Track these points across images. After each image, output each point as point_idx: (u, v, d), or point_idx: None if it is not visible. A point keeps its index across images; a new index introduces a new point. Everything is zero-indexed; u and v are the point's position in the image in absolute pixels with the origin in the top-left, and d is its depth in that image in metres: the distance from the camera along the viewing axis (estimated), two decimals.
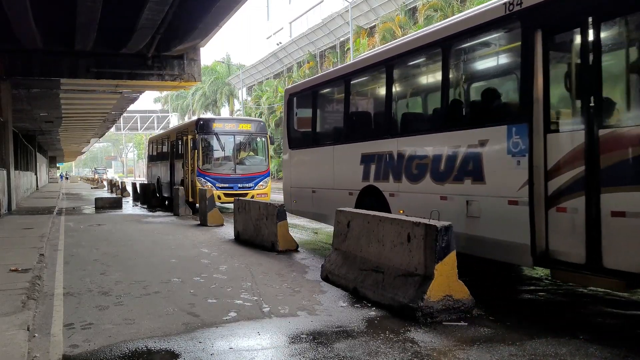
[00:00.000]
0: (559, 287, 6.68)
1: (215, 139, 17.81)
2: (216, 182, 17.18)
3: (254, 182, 17.85)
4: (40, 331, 4.99)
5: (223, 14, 13.68)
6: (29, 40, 14.58)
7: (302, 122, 11.46)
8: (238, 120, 21.34)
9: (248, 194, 17.28)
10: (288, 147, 11.38)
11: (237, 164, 18.02)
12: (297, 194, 10.93)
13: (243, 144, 18.66)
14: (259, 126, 18.85)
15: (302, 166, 11.02)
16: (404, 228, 5.56)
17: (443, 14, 32.00)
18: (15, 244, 9.87)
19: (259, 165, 18.52)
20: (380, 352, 4.29)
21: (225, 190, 17.19)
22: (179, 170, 19.69)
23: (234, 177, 17.62)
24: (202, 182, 17.02)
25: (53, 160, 76.44)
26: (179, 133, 20.46)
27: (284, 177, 11.77)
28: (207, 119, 19.36)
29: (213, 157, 18.05)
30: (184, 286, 6.75)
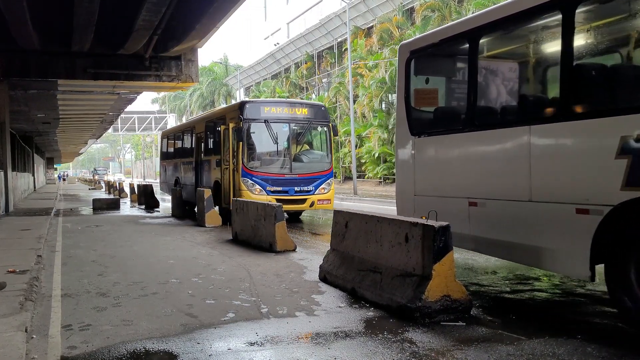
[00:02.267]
0: (556, 287, 6.69)
1: (265, 127, 13.75)
2: (267, 184, 13.42)
3: (314, 185, 13.91)
4: (38, 332, 4.98)
5: (220, 14, 13.67)
6: (26, 40, 14.56)
7: (435, 95, 7.82)
8: (293, 103, 16.56)
9: (307, 199, 13.75)
10: (409, 133, 7.48)
11: (292, 160, 14.08)
12: (429, 207, 6.89)
13: (300, 134, 14.60)
14: (319, 111, 14.81)
15: (443, 163, 7.13)
16: (402, 228, 5.56)
17: (441, 14, 32.04)
18: (13, 245, 9.85)
19: (319, 162, 14.57)
20: (378, 353, 4.29)
21: (278, 195, 13.33)
22: (209, 170, 16.06)
23: (289, 179, 13.75)
24: (249, 184, 13.38)
25: (50, 161, 76.34)
26: (210, 122, 16.58)
27: (400, 179, 7.96)
28: (256, 101, 15.69)
29: (263, 152, 14.27)
30: (182, 287, 6.74)
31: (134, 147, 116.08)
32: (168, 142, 22.73)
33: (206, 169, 16.37)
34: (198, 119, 18.93)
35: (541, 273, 7.42)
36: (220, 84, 65.20)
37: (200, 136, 17.33)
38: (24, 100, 21.37)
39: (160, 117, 69.98)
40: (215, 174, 15.26)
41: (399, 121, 7.86)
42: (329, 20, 43.98)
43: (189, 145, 18.94)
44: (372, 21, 39.39)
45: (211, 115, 17.16)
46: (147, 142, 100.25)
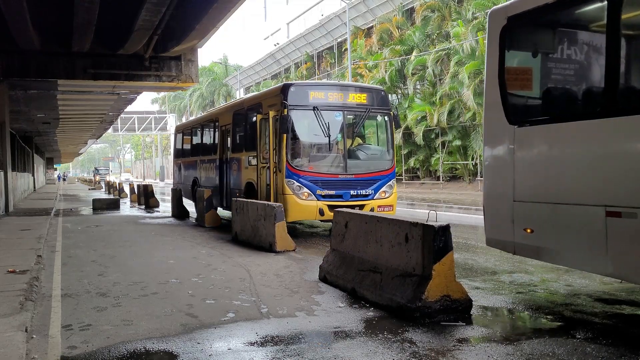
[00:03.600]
0: (555, 286, 6.70)
1: (314, 115, 11.08)
2: (317, 186, 10.92)
3: (373, 188, 11.32)
4: (38, 332, 4.99)
5: (220, 14, 13.67)
6: (26, 41, 14.56)
7: (547, 72, 6.03)
8: (348, 86, 13.89)
9: (365, 205, 11.07)
10: (507, 122, 5.89)
11: (347, 157, 11.37)
12: (536, 216, 5.56)
13: (356, 124, 11.90)
14: (379, 97, 12.02)
15: (564, 158, 5.42)
16: (402, 228, 5.57)
17: (440, 14, 32.06)
18: (13, 245, 9.85)
19: (379, 159, 11.96)
20: (378, 353, 4.29)
21: (331, 200, 10.88)
22: (239, 169, 13.39)
23: (343, 180, 11.17)
24: (295, 187, 10.82)
25: (50, 161, 76.34)
26: (240, 111, 13.76)
27: (490, 181, 6.35)
28: (302, 84, 12.74)
29: (311, 147, 11.75)
30: (182, 287, 6.75)
31: (133, 147, 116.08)
32: (184, 138, 19.87)
33: (234, 168, 13.69)
34: (223, 109, 16.09)
35: (539, 272, 7.43)
36: (220, 84, 65.22)
37: (226, 129, 14.62)
38: (23, 100, 21.37)
39: (160, 117, 69.99)
40: (248, 174, 12.67)
41: (489, 107, 6.24)
42: (329, 20, 44.02)
43: (210, 140, 16.44)
44: (372, 21, 39.41)
45: (241, 104, 14.05)
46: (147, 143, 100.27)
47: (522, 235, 5.69)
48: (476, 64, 26.74)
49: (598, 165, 5.04)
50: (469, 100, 26.95)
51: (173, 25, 14.64)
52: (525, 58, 6.28)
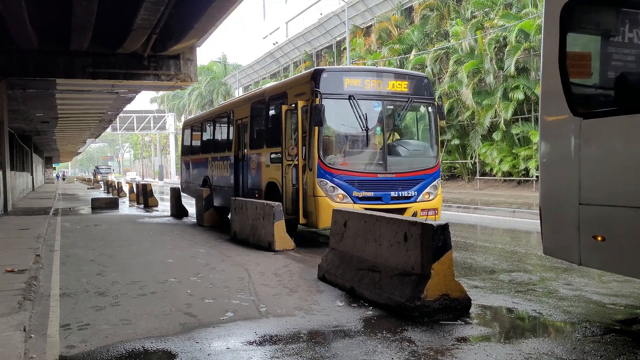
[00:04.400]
0: (553, 286, 6.70)
1: (350, 106, 9.76)
2: (353, 187, 9.60)
3: (416, 189, 10.01)
4: (37, 332, 4.98)
5: (219, 13, 13.65)
6: (25, 40, 14.54)
7: (624, 55, 5.25)
8: (387, 72, 11.89)
9: (407, 209, 9.86)
10: (570, 113, 5.04)
11: (387, 154, 10.00)
12: (607, 221, 4.75)
13: (397, 116, 10.54)
14: (422, 85, 10.65)
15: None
16: (401, 227, 5.56)
17: (439, 13, 32.05)
18: (12, 244, 9.84)
19: (423, 156, 10.66)
20: (377, 352, 4.29)
21: (369, 203, 9.50)
22: (259, 167, 11.95)
23: (383, 180, 9.83)
24: (328, 187, 9.50)
25: (49, 160, 76.29)
26: (260, 102, 12.27)
27: (551, 181, 5.46)
28: (335, 69, 11.75)
29: (346, 141, 10.39)
30: (180, 286, 6.74)
31: (132, 147, 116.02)
32: (192, 134, 18.30)
33: (253, 166, 12.29)
34: (238, 100, 14.47)
35: (537, 272, 7.43)
36: (219, 83, 65.18)
37: (242, 123, 13.18)
38: (22, 99, 21.35)
39: (159, 116, 69.96)
40: (270, 173, 11.27)
41: (547, 97, 5.47)
42: (328, 19, 43.99)
43: (224, 135, 14.98)
44: (371, 20, 39.41)
45: (261, 94, 12.49)
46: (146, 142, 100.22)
47: (591, 243, 4.85)
48: (475, 63, 26.75)
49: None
50: (467, 99, 26.95)
51: (172, 24, 14.63)
52: (593, 40, 5.48)
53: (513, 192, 25.27)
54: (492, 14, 28.14)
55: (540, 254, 8.79)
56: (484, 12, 28.99)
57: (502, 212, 15.67)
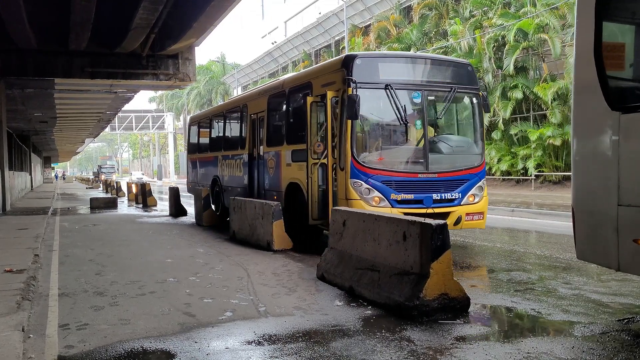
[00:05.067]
0: (552, 285, 6.70)
1: (387, 96, 8.70)
2: (391, 189, 8.55)
3: (460, 190, 8.95)
4: (36, 332, 4.97)
5: (218, 13, 13.66)
6: (23, 39, 14.53)
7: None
8: (427, 59, 10.38)
9: (451, 213, 8.84)
10: (607, 107, 4.67)
11: (428, 151, 8.89)
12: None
13: (438, 107, 9.53)
14: (465, 73, 9.56)
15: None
16: (400, 227, 5.56)
17: (438, 12, 32.08)
18: (10, 244, 9.83)
19: (467, 153, 9.55)
20: (376, 351, 4.29)
21: (408, 206, 8.53)
22: (278, 166, 10.90)
23: (425, 181, 8.79)
24: (363, 189, 8.46)
25: (48, 160, 76.27)
26: (279, 94, 11.27)
27: (586, 180, 5.13)
28: (369, 55, 10.44)
29: (383, 137, 9.31)
30: (179, 286, 6.74)
31: (131, 146, 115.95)
32: (200, 131, 17.16)
33: (271, 165, 11.26)
34: (253, 93, 13.24)
35: (537, 271, 7.43)
36: (217, 83, 65.15)
37: (257, 118, 12.14)
38: (21, 99, 21.33)
39: (157, 115, 70.00)
40: (291, 172, 10.26)
41: (581, 90, 5.14)
42: (327, 18, 44.01)
43: (235, 132, 14.08)
44: (370, 20, 39.45)
45: (280, 86, 11.41)
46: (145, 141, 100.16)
47: (632, 248, 4.48)
48: (473, 62, 26.74)
49: None
50: None
51: (170, 23, 14.62)
52: (632, 29, 5.13)
53: (512, 192, 25.31)
54: (491, 13, 28.17)
55: (539, 252, 8.82)
56: (482, 11, 29.02)
57: (500, 212, 15.68)
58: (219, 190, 14.37)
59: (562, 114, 24.10)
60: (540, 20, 25.04)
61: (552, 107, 24.41)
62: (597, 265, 5.49)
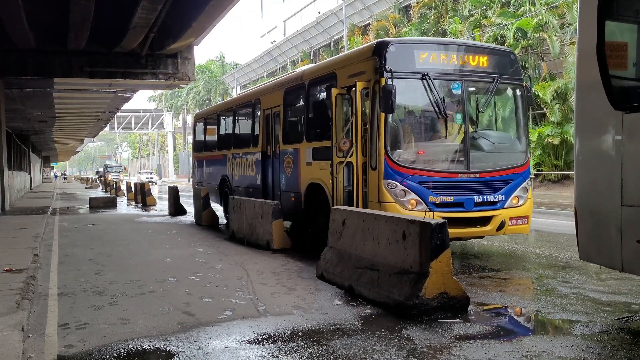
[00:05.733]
0: (551, 284, 6.70)
1: (424, 87, 7.88)
2: (429, 190, 7.71)
3: (503, 191, 8.12)
4: (35, 331, 4.97)
5: (217, 12, 13.65)
6: (22, 39, 14.52)
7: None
8: (467, 46, 9.47)
9: (492, 218, 8.01)
10: (610, 107, 4.69)
11: (469, 148, 8.03)
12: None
13: (480, 100, 8.68)
14: (508, 62, 8.66)
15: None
16: (400, 226, 5.56)
17: (437, 11, 32.06)
18: (9, 244, 9.83)
19: (510, 151, 8.76)
20: (376, 350, 4.29)
21: (448, 210, 7.73)
22: (296, 165, 10.09)
23: (465, 181, 7.95)
24: (398, 191, 7.62)
25: (47, 160, 76.23)
26: (297, 87, 10.50)
27: (589, 180, 5.09)
28: (403, 42, 9.28)
29: (419, 133, 8.60)
30: (179, 285, 6.74)
31: (130, 146, 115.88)
32: (207, 128, 16.33)
33: (288, 164, 10.44)
34: (266, 87, 12.38)
35: (537, 270, 7.44)
36: (217, 82, 65.08)
37: (272, 113, 11.29)
38: (20, 98, 21.31)
39: (156, 115, 69.94)
40: (311, 172, 9.49)
41: (583, 90, 5.14)
42: (326, 17, 43.99)
43: (246, 128, 13.22)
44: (369, 19, 39.42)
45: (298, 78, 10.54)
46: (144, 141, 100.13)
47: (636, 248, 4.45)
48: None
49: None
50: None
51: (169, 22, 14.61)
52: (635, 28, 5.09)
53: None
54: (490, 12, 28.18)
55: (538, 251, 8.82)
56: (481, 10, 29.02)
57: None
58: (228, 191, 13.70)
59: (562, 113, 24.11)
60: (540, 19, 25.05)
61: (552, 106, 24.44)
62: (596, 265, 5.49)
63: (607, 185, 4.72)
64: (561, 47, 24.71)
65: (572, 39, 23.11)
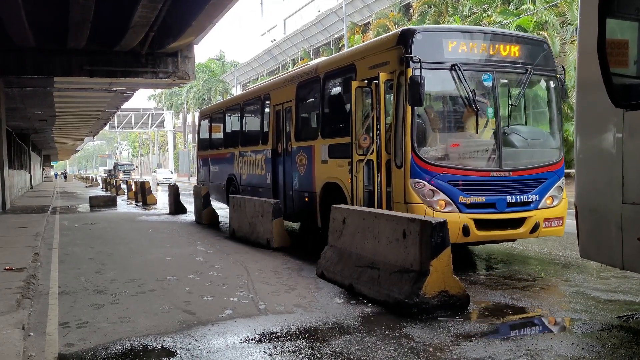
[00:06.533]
0: (552, 282, 6.71)
1: (453, 79, 7.38)
2: (459, 190, 7.20)
3: (537, 191, 7.57)
4: (36, 330, 4.98)
5: (217, 11, 13.64)
6: (22, 38, 14.51)
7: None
8: (498, 35, 8.34)
9: (527, 219, 7.47)
10: (611, 105, 4.69)
11: (502, 145, 7.51)
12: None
13: (512, 92, 8.08)
14: (541, 52, 8.04)
15: None
16: (400, 224, 5.56)
17: (437, 10, 32.03)
18: (10, 243, 9.83)
19: (544, 147, 8.20)
20: (376, 348, 4.29)
21: (479, 211, 7.25)
22: (310, 164, 9.57)
23: (498, 180, 7.39)
24: (426, 191, 7.10)
25: (47, 158, 76.20)
26: (310, 81, 9.94)
27: (590, 178, 5.09)
28: (431, 30, 8.61)
29: (448, 129, 8.02)
30: (179, 284, 6.74)
31: (130, 145, 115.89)
32: (212, 125, 15.73)
33: (301, 162, 9.94)
34: (277, 81, 11.85)
35: (537, 270, 7.43)
36: (217, 81, 65.07)
37: (283, 109, 10.79)
38: (20, 97, 21.32)
39: (157, 114, 69.93)
40: (328, 170, 9.01)
41: (584, 87, 5.08)
42: (326, 16, 43.97)
43: (255, 125, 12.75)
44: (369, 17, 39.40)
45: (312, 71, 9.94)
46: (144, 140, 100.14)
47: (636, 246, 4.43)
48: None
49: None
50: None
51: (169, 21, 14.60)
52: (635, 26, 5.06)
53: None
54: (490, 10, 28.14)
55: (538, 250, 8.82)
56: (482, 9, 28.99)
57: None
58: (235, 191, 13.21)
59: (562, 111, 24.06)
60: (540, 18, 25.02)
61: None
62: (597, 263, 5.49)
63: (607, 183, 4.71)
64: (562, 46, 24.66)
65: (572, 37, 23.07)
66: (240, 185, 12.96)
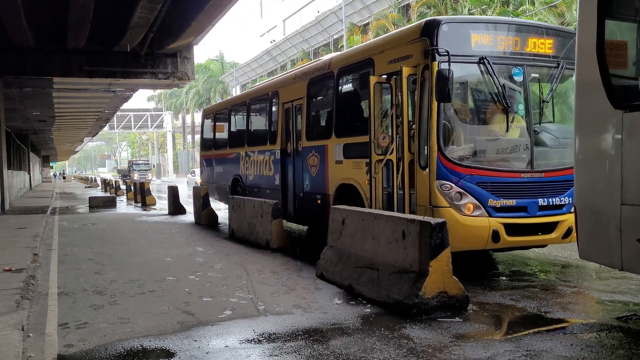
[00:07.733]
0: (551, 283, 6.71)
1: (481, 73, 6.98)
2: (488, 193, 6.76)
3: (569, 193, 6.97)
4: (35, 331, 4.98)
5: (216, 11, 13.64)
6: (21, 38, 14.50)
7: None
8: (526, 26, 7.77)
9: (560, 223, 6.99)
10: (610, 106, 4.69)
11: (533, 144, 7.08)
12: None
13: (543, 89, 7.56)
14: (573, 44, 6.19)
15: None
16: (399, 225, 5.57)
17: (436, 10, 32.05)
18: (9, 243, 9.82)
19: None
20: (375, 349, 4.29)
21: (510, 215, 6.81)
22: (323, 164, 9.15)
23: (529, 182, 6.97)
24: (453, 194, 6.65)
25: (46, 159, 76.18)
26: (323, 78, 9.48)
27: (589, 179, 5.08)
28: (457, 20, 7.92)
29: (476, 127, 7.40)
30: (178, 285, 6.74)
31: (129, 145, 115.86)
32: (216, 125, 15.14)
33: (313, 162, 9.49)
34: (286, 78, 11.29)
35: (537, 269, 7.43)
36: (216, 82, 65.07)
37: (293, 107, 10.33)
38: (19, 98, 21.29)
39: (156, 114, 69.93)
40: (343, 171, 8.57)
41: (583, 88, 5.04)
42: (325, 17, 43.98)
43: (262, 124, 12.37)
44: (368, 18, 39.42)
45: (325, 66, 9.46)
46: (143, 140, 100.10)
47: (635, 247, 4.42)
48: None
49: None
50: None
51: (169, 22, 14.60)
52: (634, 27, 5.00)
53: None
54: (490, 11, 28.18)
55: (538, 250, 8.81)
56: (481, 10, 29.02)
57: None
58: (241, 192, 12.75)
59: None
60: (539, 19, 25.04)
61: None
62: (596, 264, 5.50)
63: (606, 184, 4.70)
64: None
65: None
66: (247, 187, 12.50)
